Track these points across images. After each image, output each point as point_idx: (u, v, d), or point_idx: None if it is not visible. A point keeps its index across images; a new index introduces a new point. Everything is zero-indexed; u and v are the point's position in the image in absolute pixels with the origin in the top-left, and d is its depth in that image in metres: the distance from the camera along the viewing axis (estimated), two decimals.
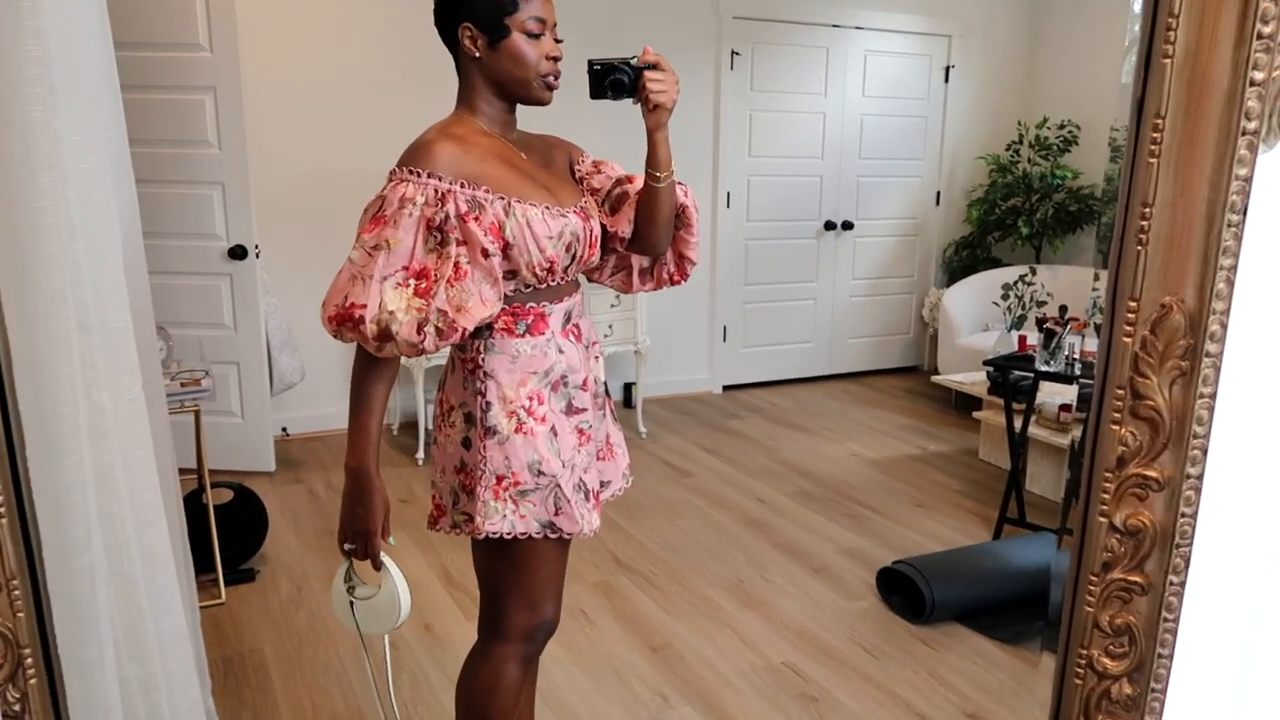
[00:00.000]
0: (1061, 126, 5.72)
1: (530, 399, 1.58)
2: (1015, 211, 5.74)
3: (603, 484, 1.76)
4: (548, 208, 1.53)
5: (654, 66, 1.56)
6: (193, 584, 2.10)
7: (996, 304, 4.80)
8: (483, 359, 1.58)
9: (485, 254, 1.46)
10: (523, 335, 1.58)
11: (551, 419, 1.59)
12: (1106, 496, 0.85)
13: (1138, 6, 0.83)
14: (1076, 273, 5.36)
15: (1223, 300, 0.79)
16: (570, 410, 1.63)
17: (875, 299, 6.10)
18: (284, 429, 4.61)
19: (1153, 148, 0.78)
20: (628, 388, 5.21)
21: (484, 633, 1.70)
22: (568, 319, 1.63)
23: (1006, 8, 6.00)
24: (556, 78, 1.58)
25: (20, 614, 0.86)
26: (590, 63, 1.56)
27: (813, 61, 5.55)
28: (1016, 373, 3.58)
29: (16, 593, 0.85)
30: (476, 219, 1.46)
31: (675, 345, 5.46)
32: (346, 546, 1.54)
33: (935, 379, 4.89)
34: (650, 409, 5.11)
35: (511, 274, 1.53)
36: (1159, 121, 0.77)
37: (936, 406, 5.39)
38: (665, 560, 3.30)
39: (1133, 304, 0.81)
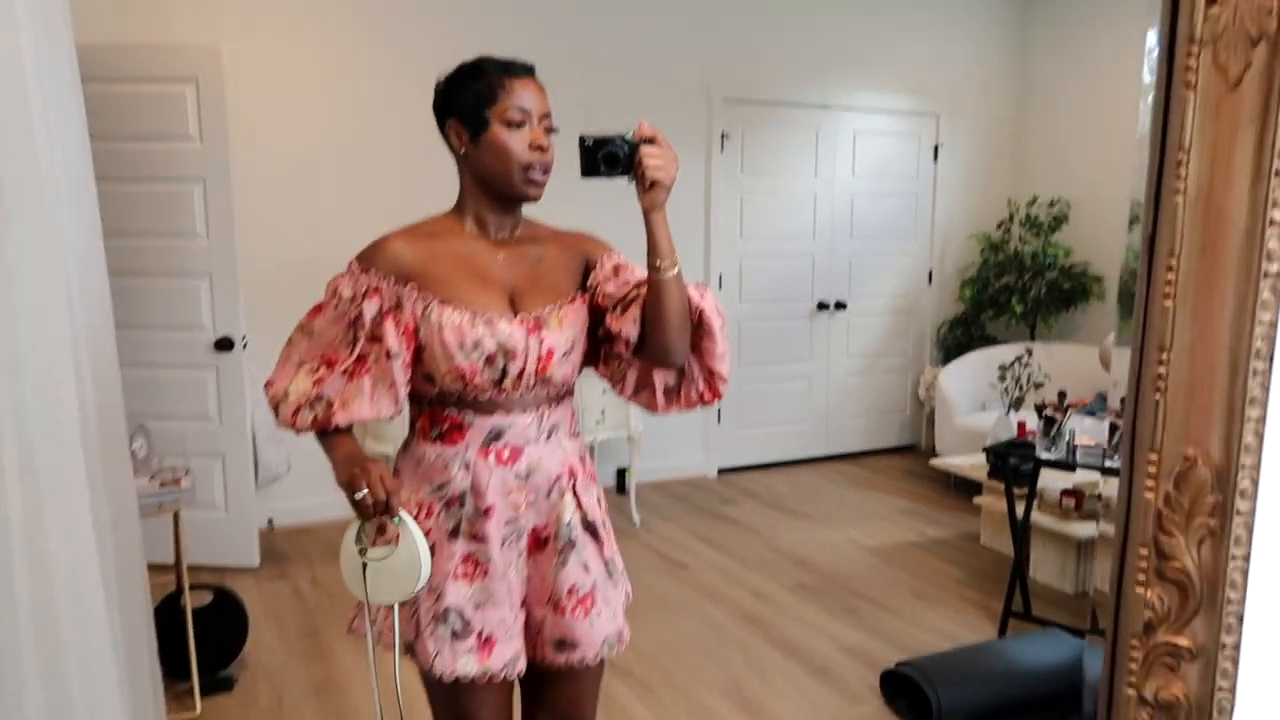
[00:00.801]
0: (1051, 204, 5.74)
1: (418, 508, 1.52)
2: (1008, 289, 5.72)
3: (562, 643, 1.56)
4: (474, 314, 1.46)
5: (650, 141, 1.46)
6: (160, 703, 1.99)
7: (993, 385, 4.75)
8: (398, 456, 1.59)
9: (389, 355, 1.45)
10: (434, 441, 1.53)
11: (435, 535, 1.51)
12: (1134, 666, 0.77)
13: (1145, 125, 0.78)
14: (1072, 350, 5.32)
15: (1252, 454, 0.72)
16: (458, 533, 1.51)
17: (870, 378, 6.05)
18: (269, 521, 4.49)
19: (1167, 288, 0.72)
20: (621, 474, 5.11)
21: None
22: (496, 437, 1.51)
23: (993, 86, 6.07)
24: (544, 171, 1.52)
25: None
26: (582, 138, 1.46)
27: (802, 142, 5.59)
28: (1015, 458, 3.50)
29: None
30: (395, 319, 1.47)
31: (669, 428, 5.38)
32: (357, 495, 1.39)
33: (934, 463, 4.80)
34: (645, 495, 5.01)
35: (430, 377, 1.50)
36: (1172, 261, 0.72)
37: (935, 488, 5.29)
38: (661, 663, 3.17)
39: (1153, 456, 0.74)
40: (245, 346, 3.93)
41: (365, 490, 1.38)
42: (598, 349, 1.64)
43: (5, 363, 0.99)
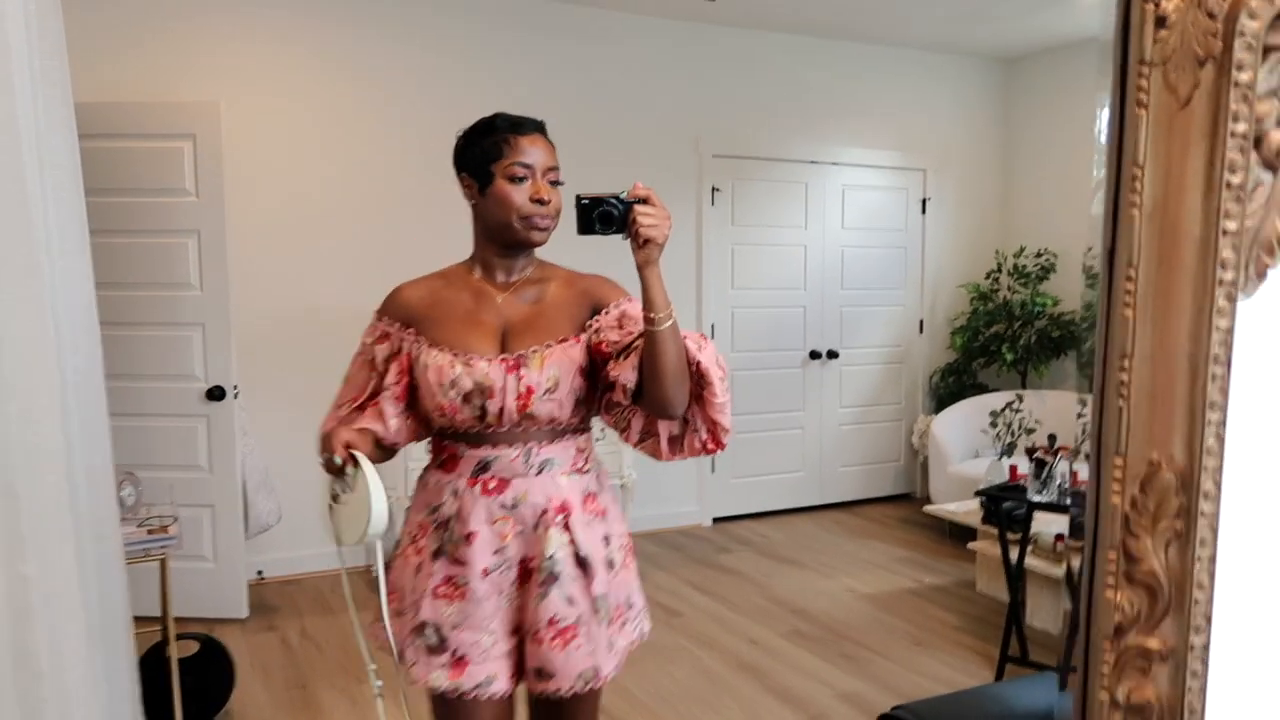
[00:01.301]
0: (1039, 255, 5.82)
1: (418, 528, 1.67)
2: (999, 338, 5.77)
3: (540, 673, 1.60)
4: (455, 355, 1.60)
5: (644, 201, 1.52)
6: None
7: (986, 431, 4.77)
8: (416, 480, 1.75)
9: (383, 389, 1.66)
10: (437, 469, 1.68)
11: (425, 554, 1.64)
12: (1106, 669, 0.78)
13: (1102, 144, 0.82)
14: (1062, 397, 5.35)
15: (1214, 457, 0.74)
16: (439, 555, 1.62)
17: (864, 427, 6.06)
18: (259, 572, 4.46)
19: (1127, 298, 0.75)
20: None
21: None
22: (483, 469, 1.61)
23: (978, 142, 6.20)
24: (546, 218, 1.63)
25: None
26: (578, 197, 1.53)
27: (792, 196, 5.68)
28: (1009, 503, 3.51)
29: None
30: (397, 360, 1.67)
31: (663, 477, 5.37)
32: (321, 457, 1.55)
33: (927, 509, 4.80)
34: (640, 544, 4.98)
35: (430, 413, 1.65)
36: (1131, 272, 0.74)
37: (931, 536, 5.27)
38: (656, 712, 3.14)
39: (1119, 461, 0.76)
40: (236, 396, 3.95)
41: (325, 454, 1.55)
42: (597, 392, 1.69)
43: None
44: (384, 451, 1.69)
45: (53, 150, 1.43)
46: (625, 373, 1.58)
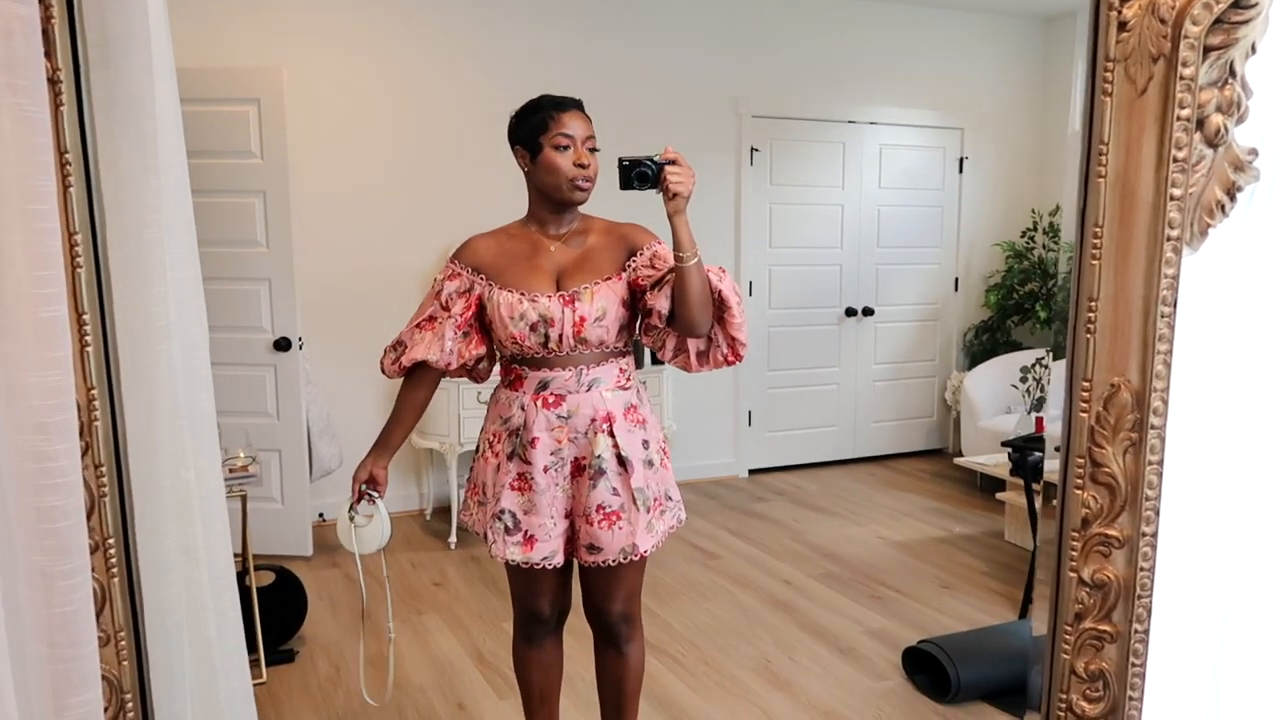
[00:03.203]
0: None
1: (494, 436, 2.05)
2: (1033, 296, 5.87)
3: (591, 547, 1.99)
4: (523, 294, 1.95)
5: (673, 162, 1.83)
6: (244, 654, 2.21)
7: (1015, 387, 4.91)
8: (490, 398, 2.13)
9: (446, 317, 2.01)
10: (507, 387, 2.05)
11: (501, 456, 2.01)
12: (1075, 554, 0.96)
13: (1076, 127, 0.98)
14: None
15: (1162, 380, 0.91)
16: (513, 457, 1.99)
17: (898, 383, 6.21)
18: (320, 514, 4.74)
19: (1094, 252, 0.92)
20: None
21: None
22: (544, 387, 1.97)
23: (1016, 101, 6.24)
24: (587, 180, 1.97)
25: (125, 662, 0.99)
26: (620, 159, 1.85)
27: (829, 156, 5.79)
28: (1036, 454, 3.66)
29: (123, 644, 0.98)
30: (465, 296, 2.01)
31: (701, 430, 5.58)
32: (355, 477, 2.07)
33: (958, 461, 4.96)
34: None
35: (501, 341, 2.00)
36: (1098, 229, 0.91)
37: (961, 489, 5.43)
38: (693, 641, 3.37)
39: (1086, 384, 0.94)
40: (301, 347, 4.19)
41: (355, 481, 2.07)
42: (637, 320, 2.06)
43: (168, 327, 1.22)
44: (432, 381, 2.09)
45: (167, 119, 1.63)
46: (659, 301, 1.95)
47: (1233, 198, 0.89)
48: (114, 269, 1.13)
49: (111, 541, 1.05)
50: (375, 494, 2.06)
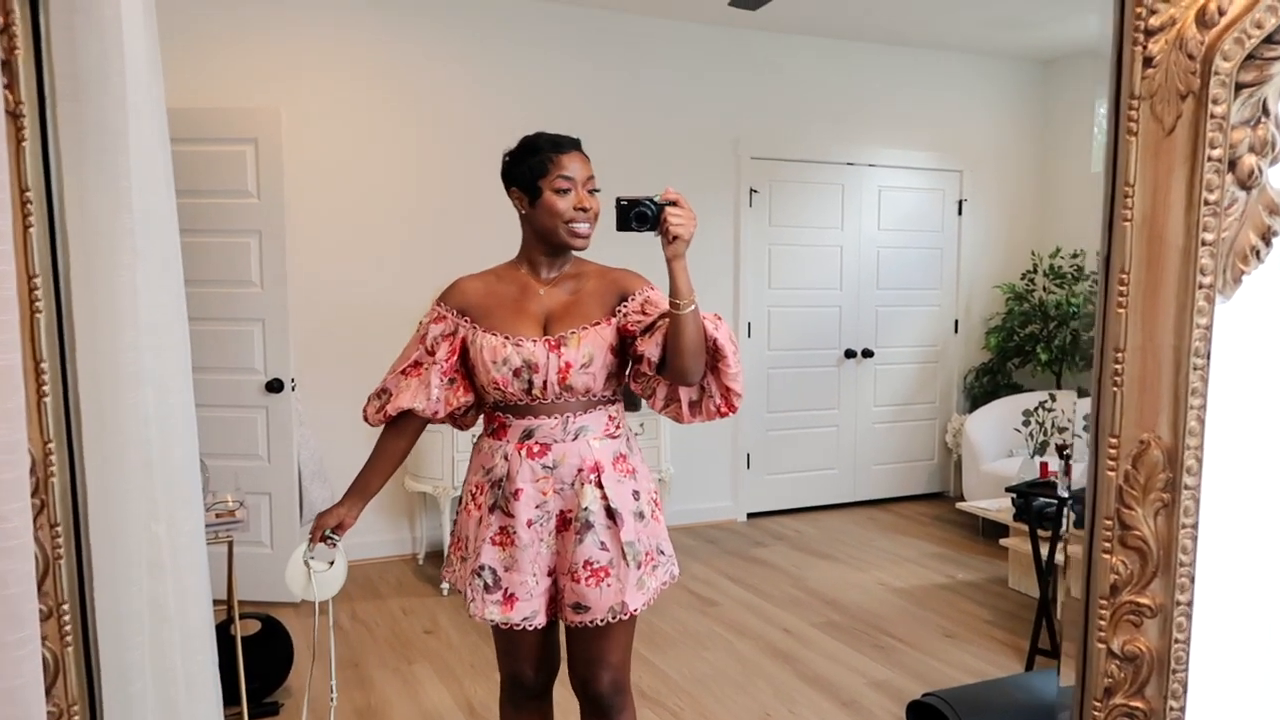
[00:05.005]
0: (1074, 256, 5.86)
1: (476, 487, 1.96)
2: (1034, 338, 5.82)
3: (577, 606, 1.88)
4: (507, 338, 1.87)
5: (674, 204, 1.74)
6: (221, 716, 2.12)
7: (1019, 431, 4.84)
8: (472, 446, 2.05)
9: (432, 364, 1.92)
10: (489, 436, 1.96)
11: (483, 509, 1.92)
12: (1103, 623, 0.90)
13: (1098, 167, 0.93)
14: None
15: (1195, 436, 0.85)
16: (494, 509, 1.90)
17: (898, 425, 6.14)
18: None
19: (1120, 299, 0.86)
20: None
21: None
22: (528, 436, 1.89)
23: (1015, 143, 6.24)
24: (588, 224, 1.90)
25: None
26: (618, 199, 1.76)
27: (829, 197, 5.77)
28: (1040, 499, 3.59)
29: (76, 719, 0.91)
30: (450, 340, 1.93)
31: (698, 473, 5.50)
32: (316, 524, 1.99)
33: (960, 505, 4.88)
34: (675, 537, 5.06)
35: (483, 388, 1.91)
36: (1124, 276, 0.86)
37: (963, 533, 5.34)
38: (691, 693, 3.26)
39: (1113, 440, 0.88)
40: (294, 388, 4.13)
41: (319, 525, 1.99)
42: (626, 367, 1.98)
43: (140, 374, 1.16)
44: (415, 430, 2.02)
45: (151, 152, 1.58)
46: (650, 348, 1.85)
47: (1268, 243, 0.83)
48: (80, 314, 1.06)
49: (66, 607, 0.97)
50: (336, 538, 1.98)
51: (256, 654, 3.24)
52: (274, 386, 4.07)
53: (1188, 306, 0.84)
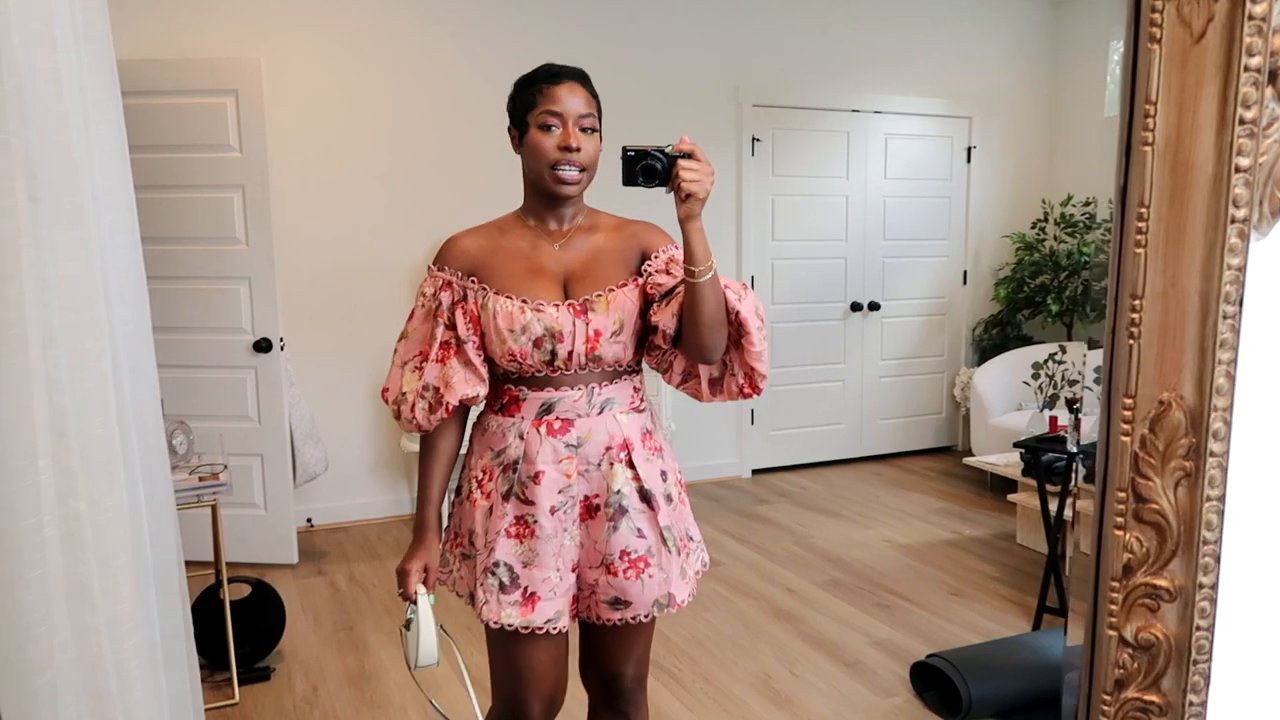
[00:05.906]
0: (1086, 204, 5.69)
1: (483, 472, 1.70)
2: (1044, 289, 5.68)
3: (616, 602, 1.67)
4: (525, 301, 1.61)
5: (689, 155, 1.51)
6: (198, 687, 2.05)
7: (1028, 384, 4.72)
8: (472, 427, 1.76)
9: (460, 341, 1.64)
10: (497, 413, 1.70)
11: (494, 497, 1.67)
12: (1114, 608, 0.79)
13: (1113, 89, 0.81)
14: None
15: (1224, 396, 0.74)
16: (509, 497, 1.64)
17: (905, 379, 6.02)
18: (309, 520, 4.59)
19: (1139, 237, 0.74)
20: None
21: None
22: (547, 410, 1.64)
23: (1025, 89, 6.04)
24: (578, 169, 1.61)
25: None
26: (624, 149, 1.51)
27: (833, 146, 5.60)
28: (1049, 454, 3.48)
29: None
30: (463, 309, 1.65)
31: (702, 429, 5.41)
32: (398, 591, 1.70)
33: (968, 461, 4.78)
34: None
35: (493, 358, 1.67)
36: (1143, 210, 0.74)
37: (971, 488, 5.25)
38: (691, 655, 3.20)
39: (1128, 401, 0.76)
40: (283, 348, 4.03)
41: (410, 580, 1.67)
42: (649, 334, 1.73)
43: (38, 330, 1.05)
44: (461, 422, 1.75)
45: (96, 105, 1.46)
46: (665, 319, 1.62)
47: None
48: None
49: None
50: (424, 589, 1.68)
51: (248, 618, 3.19)
52: (262, 346, 3.97)
53: (1217, 244, 0.72)
